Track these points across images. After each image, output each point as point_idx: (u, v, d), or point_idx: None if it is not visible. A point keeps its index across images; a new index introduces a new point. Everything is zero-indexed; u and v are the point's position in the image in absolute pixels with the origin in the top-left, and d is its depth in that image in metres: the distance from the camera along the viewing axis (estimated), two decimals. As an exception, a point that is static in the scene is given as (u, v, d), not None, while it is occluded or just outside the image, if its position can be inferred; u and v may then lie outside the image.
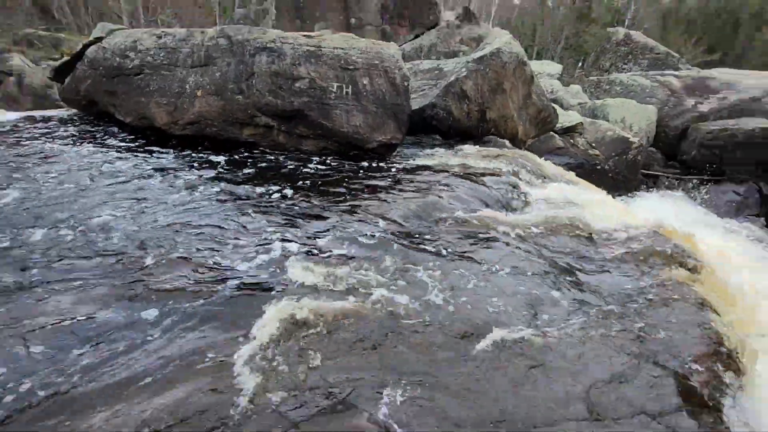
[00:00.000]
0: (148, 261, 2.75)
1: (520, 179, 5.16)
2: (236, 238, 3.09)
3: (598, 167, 7.83)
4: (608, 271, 3.47)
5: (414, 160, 5.54)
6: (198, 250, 2.92)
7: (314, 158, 5.03)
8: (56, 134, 5.13)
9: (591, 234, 4.07)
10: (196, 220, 3.32)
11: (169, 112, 5.06)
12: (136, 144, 5.03)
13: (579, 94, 11.21)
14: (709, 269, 3.79)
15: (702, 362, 2.42)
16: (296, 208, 3.62)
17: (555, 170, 6.32)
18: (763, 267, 5.59)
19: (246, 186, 4.02)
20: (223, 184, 4.01)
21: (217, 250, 2.92)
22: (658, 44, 14.73)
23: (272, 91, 4.88)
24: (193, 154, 4.79)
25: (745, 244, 6.64)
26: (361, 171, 4.74)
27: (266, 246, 2.98)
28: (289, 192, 3.92)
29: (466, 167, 5.21)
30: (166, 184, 3.93)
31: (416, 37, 10.44)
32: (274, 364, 1.98)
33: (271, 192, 3.91)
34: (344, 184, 4.23)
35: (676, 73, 11.77)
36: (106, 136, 5.21)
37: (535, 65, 12.92)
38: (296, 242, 3.05)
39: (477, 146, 6.52)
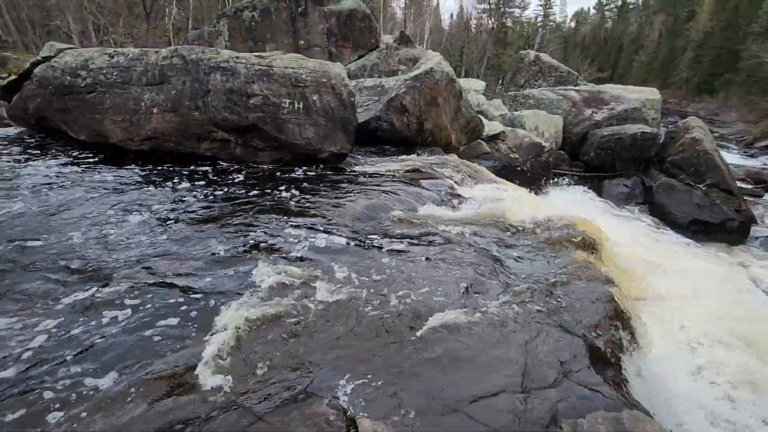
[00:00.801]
0: (106, 272, 2.53)
1: (454, 181, 5.30)
2: (193, 246, 2.92)
3: (519, 168, 8.23)
4: (529, 256, 3.64)
5: (362, 167, 5.53)
6: (157, 258, 2.72)
7: (271, 168, 4.87)
8: (6, 152, 4.59)
9: (514, 225, 4.25)
10: (155, 231, 3.10)
11: (124, 128, 4.69)
12: (92, 160, 4.61)
13: (500, 107, 11.70)
14: (607, 249, 4.10)
15: (604, 327, 2.60)
16: (252, 214, 3.48)
17: (484, 172, 6.56)
18: (648, 244, 6.15)
19: (203, 196, 3.81)
20: (180, 195, 3.78)
21: (175, 259, 2.74)
22: (561, 64, 15.69)
23: (228, 108, 4.67)
24: (152, 168, 4.47)
25: (634, 226, 7.28)
26: (314, 179, 4.66)
27: (222, 251, 2.84)
28: (246, 200, 3.76)
29: (409, 172, 5.27)
30: (125, 197, 3.64)
31: (360, 57, 10.42)
32: (236, 362, 1.89)
33: (228, 201, 3.73)
34: (299, 191, 4.13)
35: (576, 88, 12.63)
36: (59, 153, 4.73)
37: (463, 82, 13.32)
38: (251, 246, 2.93)
39: (417, 154, 6.64)
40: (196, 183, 4.16)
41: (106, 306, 2.23)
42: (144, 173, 4.31)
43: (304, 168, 5.02)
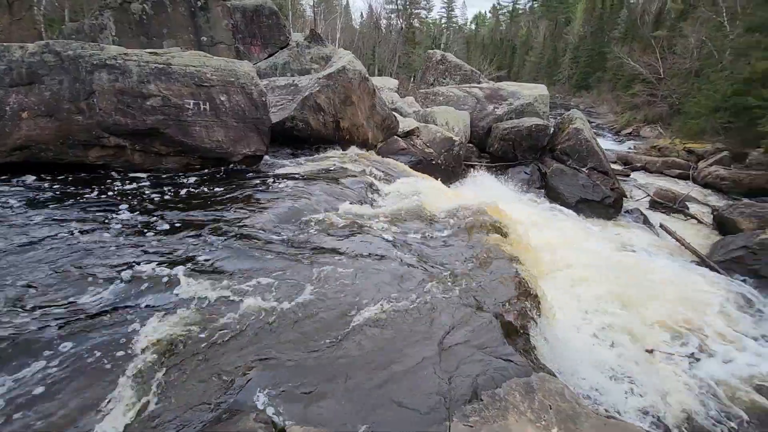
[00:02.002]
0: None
1: (374, 178, 5.37)
2: (95, 266, 2.56)
3: (434, 162, 8.62)
4: (447, 244, 3.83)
5: (280, 168, 5.33)
6: (56, 281, 2.33)
7: (178, 175, 4.46)
8: None
9: (432, 216, 4.45)
10: (43, 252, 2.65)
11: (-15, 137, 3.92)
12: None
13: (413, 104, 12.14)
14: (514, 232, 4.49)
15: (513, 302, 2.85)
16: (159, 227, 3.15)
17: (402, 167, 6.75)
18: (546, 224, 6.90)
19: (95, 210, 3.35)
20: (65, 212, 3.27)
21: (73, 281, 2.38)
22: (465, 63, 16.74)
23: (120, 110, 4.16)
24: (23, 182, 3.81)
25: (534, 209, 8.10)
26: (228, 183, 4.37)
27: (127, 271, 2.53)
28: (152, 212, 3.40)
29: (329, 171, 5.21)
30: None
31: (270, 55, 9.99)
32: (152, 388, 1.71)
33: (129, 214, 3.33)
34: (212, 198, 3.85)
35: (479, 85, 13.58)
36: None
37: (376, 80, 13.55)
38: (162, 262, 2.66)
39: (336, 152, 6.59)
40: (85, 197, 3.64)
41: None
42: (14, 191, 3.65)
43: (216, 173, 4.69)
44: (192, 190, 4.05)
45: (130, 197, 3.69)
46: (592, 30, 42.62)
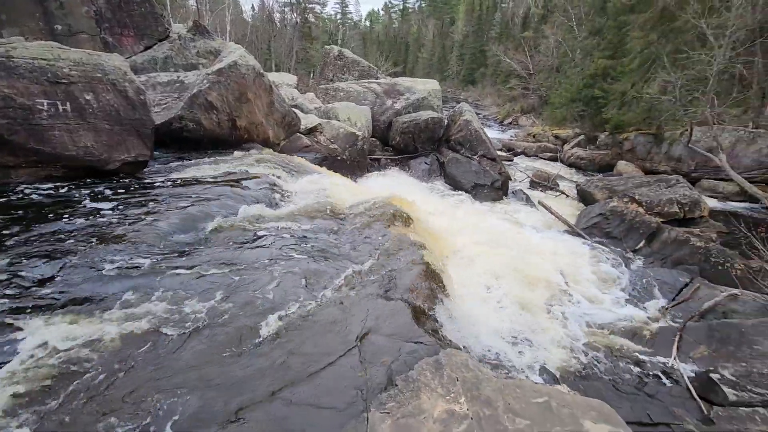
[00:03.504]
0: None
1: (278, 177, 5.15)
2: None
3: (339, 158, 8.60)
4: (356, 238, 3.85)
5: (171, 174, 4.79)
6: None
7: (37, 189, 3.72)
8: None
9: (340, 212, 4.44)
10: None
11: None
12: None
13: (314, 100, 11.91)
14: (418, 219, 4.72)
15: (420, 286, 3.00)
16: (24, 251, 2.60)
17: (306, 165, 6.59)
18: (447, 209, 7.42)
19: None
20: None
21: None
22: (362, 59, 16.94)
23: (-60, 115, 3.30)
24: None
25: (435, 196, 8.64)
26: (107, 196, 3.78)
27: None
28: (10, 236, 2.78)
29: (227, 174, 4.85)
30: None
31: (147, 48, 8.83)
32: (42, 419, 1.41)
33: (-31, 242, 2.68)
34: (88, 214, 3.29)
35: (378, 81, 13.88)
36: None
37: (274, 76, 12.96)
38: (29, 295, 2.21)
39: (234, 153, 6.15)
40: None
41: None
42: None
43: (91, 184, 4.03)
44: (53, 206, 3.41)
45: (-33, 222, 2.97)
46: (473, 30, 46.54)
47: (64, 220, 3.10)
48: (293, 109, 8.48)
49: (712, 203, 9.90)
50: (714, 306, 4.53)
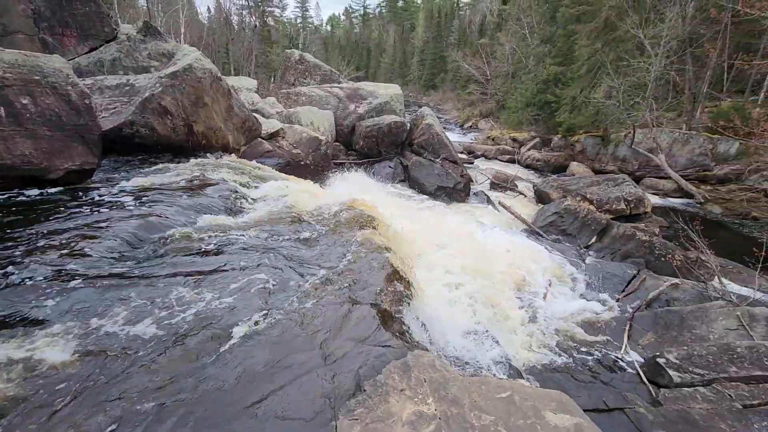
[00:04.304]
0: None
1: (239, 184, 5.00)
2: None
3: (302, 163, 8.48)
4: (321, 244, 3.80)
5: (123, 182, 4.51)
6: None
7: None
8: None
9: (304, 218, 4.37)
10: None
11: None
12: None
13: (275, 105, 11.68)
14: (384, 223, 4.73)
15: (387, 290, 3.00)
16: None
17: (269, 171, 6.44)
18: (411, 212, 7.50)
19: None
20: None
21: None
22: (324, 64, 16.83)
23: None
24: None
25: (400, 199, 8.72)
26: (50, 208, 3.50)
27: None
28: None
29: (185, 181, 4.64)
30: None
31: (92, 50, 8.29)
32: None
33: None
34: (21, 227, 3.02)
35: (340, 85, 13.84)
36: None
37: (233, 80, 12.60)
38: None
39: (192, 159, 5.91)
40: None
41: None
42: None
43: (31, 195, 3.72)
44: (-11, 220, 3.11)
45: None
46: (433, 36, 47.60)
47: (20, 229, 2.84)
48: (254, 113, 8.27)
49: (654, 200, 10.70)
50: (658, 295, 4.89)
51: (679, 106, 13.70)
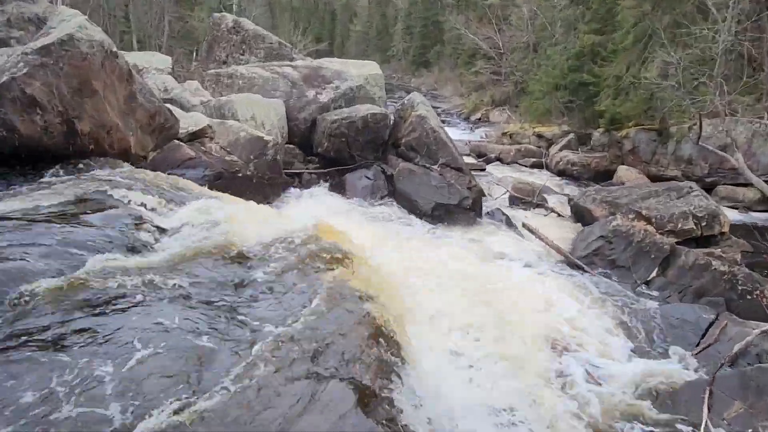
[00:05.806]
0: None
1: (144, 207, 4.95)
2: None
3: (240, 174, 8.46)
4: (270, 292, 3.77)
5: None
6: None
7: None
8: None
9: (245, 253, 4.34)
10: None
11: None
12: None
13: (199, 91, 11.71)
14: (361, 261, 4.73)
15: (369, 357, 2.99)
16: None
17: (191, 187, 6.39)
18: (401, 244, 7.54)
19: None
20: None
21: None
22: (270, 33, 17.10)
23: None
24: None
25: (383, 224, 8.77)
26: None
27: None
28: None
29: (61, 205, 4.56)
30: None
31: None
32: None
33: None
34: None
35: (293, 63, 14.06)
36: None
37: (136, 57, 12.62)
38: None
39: (74, 171, 5.83)
40: None
41: None
42: None
43: None
44: None
45: None
46: (423, -6, 49.28)
47: None
48: (167, 105, 8.27)
49: (732, 215, 11.09)
50: (746, 347, 5.00)
51: (757, 87, 14.35)
